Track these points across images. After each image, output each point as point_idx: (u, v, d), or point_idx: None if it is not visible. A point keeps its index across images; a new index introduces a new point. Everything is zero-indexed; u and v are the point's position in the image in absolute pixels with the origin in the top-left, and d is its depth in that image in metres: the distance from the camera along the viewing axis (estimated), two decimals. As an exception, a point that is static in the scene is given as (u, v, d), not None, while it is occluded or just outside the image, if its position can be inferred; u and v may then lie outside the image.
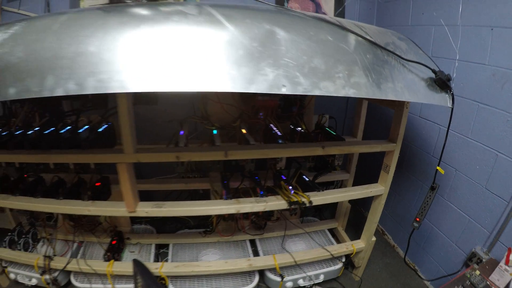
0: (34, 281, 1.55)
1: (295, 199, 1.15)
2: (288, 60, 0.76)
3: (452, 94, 1.03)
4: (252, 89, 0.70)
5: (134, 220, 1.75)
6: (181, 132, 1.29)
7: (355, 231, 1.84)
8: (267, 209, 1.16)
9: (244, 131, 1.29)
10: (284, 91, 0.74)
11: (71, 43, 0.70)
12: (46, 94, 0.68)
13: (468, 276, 1.21)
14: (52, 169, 1.43)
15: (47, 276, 1.49)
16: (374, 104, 1.62)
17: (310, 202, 1.16)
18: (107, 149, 1.15)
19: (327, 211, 1.92)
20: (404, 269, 1.68)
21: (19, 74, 0.68)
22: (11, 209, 1.76)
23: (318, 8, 1.73)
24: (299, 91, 0.75)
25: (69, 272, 1.57)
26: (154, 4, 0.86)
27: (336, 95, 0.80)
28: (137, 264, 1.08)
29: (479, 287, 1.16)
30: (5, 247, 1.58)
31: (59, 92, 0.68)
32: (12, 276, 1.58)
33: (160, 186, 1.46)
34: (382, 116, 1.89)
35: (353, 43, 0.91)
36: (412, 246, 1.59)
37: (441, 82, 1.02)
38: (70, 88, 0.67)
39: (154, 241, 1.61)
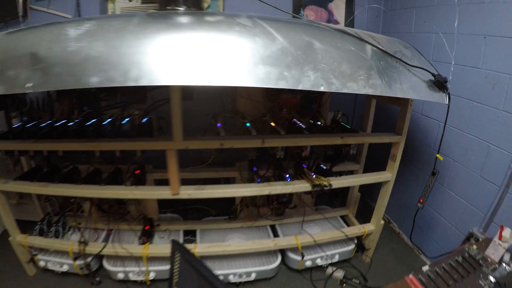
0: (65, 268, 1.75)
1: (317, 183, 1.44)
2: (323, 65, 1.05)
3: (449, 94, 1.34)
4: (300, 87, 0.98)
5: (160, 209, 2.00)
6: (218, 125, 1.56)
7: (363, 220, 2.13)
8: (294, 190, 1.44)
9: (273, 124, 1.57)
10: (322, 88, 1.02)
11: (148, 42, 0.94)
12: (131, 84, 0.87)
13: (467, 249, 1.48)
14: (85, 160, 1.68)
15: (79, 262, 1.71)
16: (381, 103, 1.94)
17: (330, 185, 1.45)
18: (158, 137, 1.40)
19: (338, 201, 2.23)
20: (408, 252, 1.99)
21: (101, 66, 0.88)
22: (39, 200, 1.98)
23: (330, 15, 2.05)
24: (333, 89, 1.04)
25: (101, 258, 1.80)
26: (212, 14, 1.13)
27: (358, 93, 1.10)
28: (175, 243, 1.36)
29: (477, 258, 1.46)
30: (35, 235, 1.80)
31: (144, 83, 0.90)
32: (42, 263, 1.78)
33: (193, 175, 1.71)
34: (388, 114, 2.21)
35: (370, 52, 1.20)
36: (416, 231, 1.89)
37: (439, 84, 1.33)
38: (153, 79, 0.91)
39: (182, 227, 1.86)
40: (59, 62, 0.90)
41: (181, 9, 1.26)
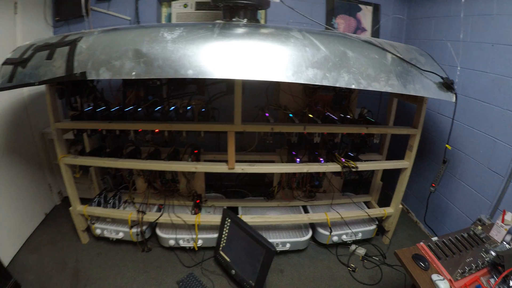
0: (121, 235, 2.46)
1: (346, 165, 2.12)
2: (354, 69, 1.74)
3: (455, 93, 2.01)
4: (337, 84, 1.67)
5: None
6: (267, 114, 2.26)
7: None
8: (328, 170, 2.13)
9: (310, 115, 2.28)
10: (353, 86, 1.71)
11: (227, 46, 1.62)
12: (217, 76, 1.56)
13: (472, 229, 2.08)
14: (144, 141, 2.40)
15: (134, 229, 2.41)
16: (401, 101, 2.62)
17: (357, 167, 2.14)
18: (221, 121, 2.10)
19: (362, 190, 2.91)
20: (423, 238, 2.62)
21: (195, 62, 1.56)
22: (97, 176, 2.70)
23: (358, 23, 2.78)
24: (361, 87, 1.73)
25: (153, 228, 2.50)
26: (269, 27, 1.84)
27: (379, 90, 1.79)
28: (227, 211, 2.09)
29: (481, 236, 2.03)
30: (95, 206, 2.50)
31: (226, 76, 1.58)
32: (98, 231, 2.49)
33: (242, 157, 2.40)
34: (407, 111, 2.90)
35: (389, 59, 1.89)
36: (431, 218, 2.56)
37: (447, 85, 2.00)
38: (232, 74, 1.59)
39: (226, 204, 2.58)
40: (160, 57, 1.55)
41: (243, 21, 1.98)
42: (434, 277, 1.45)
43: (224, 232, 2.22)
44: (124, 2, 2.69)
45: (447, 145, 2.19)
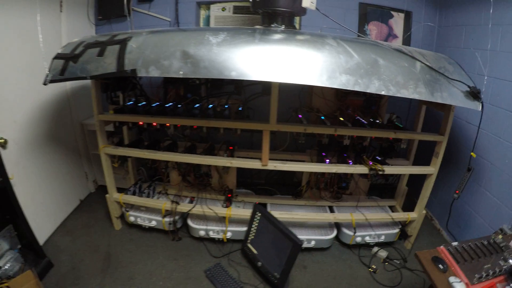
0: (153, 223, 2.78)
1: (374, 168, 2.36)
2: (385, 76, 1.98)
3: (482, 102, 2.21)
4: (368, 90, 1.92)
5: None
6: (300, 116, 2.54)
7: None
8: (356, 172, 2.38)
9: (341, 118, 2.54)
10: (383, 92, 1.95)
11: (268, 51, 1.89)
12: (258, 78, 1.84)
13: (493, 237, 2.28)
14: (181, 137, 2.72)
15: (167, 219, 2.71)
16: (431, 109, 2.83)
17: (383, 170, 2.37)
18: (257, 120, 2.38)
19: (387, 195, 3.13)
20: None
21: (237, 65, 1.83)
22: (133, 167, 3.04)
23: (390, 30, 3.02)
24: (390, 93, 1.96)
25: (184, 218, 2.80)
26: (305, 33, 2.10)
27: (408, 97, 2.02)
28: (258, 206, 2.36)
29: (501, 245, 2.22)
30: (130, 195, 2.82)
31: (266, 78, 1.86)
32: (131, 219, 2.82)
33: (274, 156, 2.64)
34: (435, 119, 3.09)
35: (418, 67, 2.12)
36: (454, 227, 2.75)
37: (474, 94, 2.21)
38: (272, 77, 1.87)
39: (255, 200, 2.88)
40: (206, 59, 1.82)
41: (281, 27, 2.26)
42: (451, 279, 1.61)
43: (253, 226, 2.49)
44: (164, 3, 3.04)
45: (472, 153, 2.40)
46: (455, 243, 1.90)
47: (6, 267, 2.12)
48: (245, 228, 2.65)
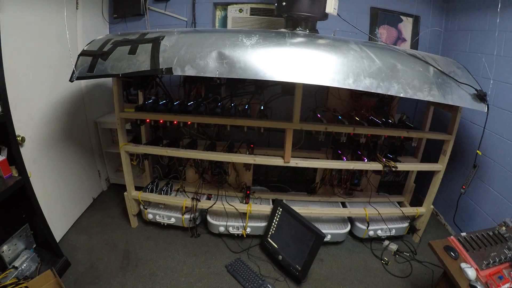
0: (172, 220, 2.98)
1: (387, 164, 2.65)
2: (403, 80, 2.27)
3: (487, 104, 2.52)
4: (389, 93, 2.19)
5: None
6: (318, 115, 2.80)
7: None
8: (371, 169, 2.67)
9: (357, 118, 2.81)
10: (402, 95, 2.23)
11: (298, 53, 2.14)
12: (292, 80, 2.07)
13: (497, 229, 2.58)
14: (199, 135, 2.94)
15: (187, 216, 2.92)
16: (437, 110, 3.14)
17: (396, 167, 2.67)
18: (281, 118, 2.62)
19: (395, 191, 3.46)
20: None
21: (270, 66, 2.05)
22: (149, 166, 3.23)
23: (399, 34, 3.33)
24: (408, 96, 2.25)
25: (203, 215, 3.02)
26: (331, 39, 2.36)
27: (423, 99, 2.31)
28: (278, 201, 2.61)
29: (505, 235, 2.49)
30: (148, 192, 3.01)
31: (293, 80, 2.11)
32: (150, 216, 3.01)
33: (292, 153, 2.92)
34: (441, 119, 3.42)
35: (432, 72, 2.42)
36: (459, 221, 3.08)
37: (480, 97, 2.52)
38: (300, 79, 2.13)
39: (271, 196, 3.15)
40: (242, 60, 2.02)
41: (306, 31, 2.51)
42: (463, 265, 1.89)
43: (274, 221, 2.74)
44: (181, 3, 3.24)
45: (478, 151, 2.72)
46: (463, 234, 2.20)
47: (23, 267, 2.24)
48: (263, 224, 2.91)
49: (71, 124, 3.04)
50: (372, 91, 2.14)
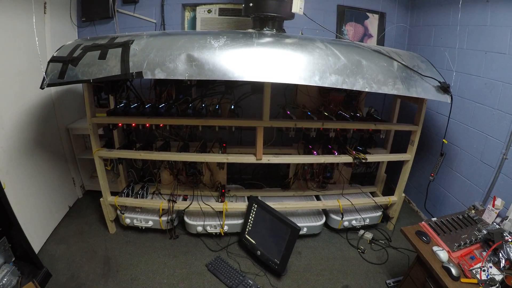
0: (150, 223, 2.99)
1: (357, 157, 2.74)
2: (368, 75, 2.35)
3: (451, 95, 2.65)
4: (354, 88, 2.26)
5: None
6: (288, 112, 2.86)
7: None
8: (341, 161, 2.75)
9: (326, 113, 2.89)
10: (367, 89, 2.32)
11: (265, 53, 2.22)
12: (256, 79, 2.14)
13: (467, 212, 2.66)
14: (172, 136, 2.96)
15: (164, 218, 2.93)
16: (404, 102, 3.27)
17: (366, 159, 2.76)
18: (251, 117, 2.67)
19: (367, 182, 3.56)
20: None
21: (238, 66, 2.05)
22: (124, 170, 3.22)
23: (366, 30, 3.43)
24: (373, 90, 2.33)
25: (180, 216, 3.04)
26: (298, 38, 2.43)
27: (387, 93, 2.41)
28: (253, 198, 2.67)
29: (474, 218, 2.34)
30: (124, 197, 3.01)
31: (263, 79, 2.19)
32: (127, 221, 3.01)
33: (263, 151, 2.97)
34: (408, 110, 3.55)
35: (396, 66, 2.51)
36: (430, 206, 3.22)
37: (444, 88, 2.64)
38: (266, 77, 2.19)
39: (246, 194, 3.18)
40: (210, 62, 2.04)
41: (273, 31, 2.57)
42: (435, 248, 1.99)
43: (250, 217, 2.79)
44: (150, 5, 3.24)
45: (444, 140, 2.85)
46: (434, 219, 2.32)
47: (4, 282, 2.16)
48: (240, 221, 2.95)
49: (43, 132, 2.99)
50: (338, 87, 2.21)
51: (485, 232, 2.03)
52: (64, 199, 3.34)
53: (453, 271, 1.77)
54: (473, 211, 2.48)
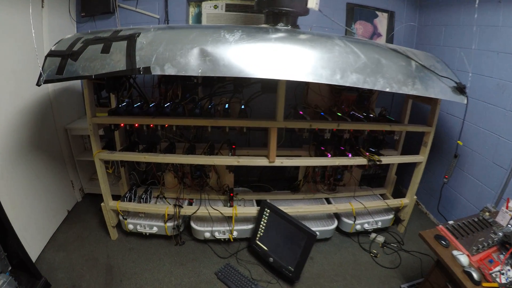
0: (155, 229, 2.76)
1: (371, 159, 2.57)
2: (387, 75, 2.17)
3: (467, 96, 2.50)
4: (375, 88, 2.09)
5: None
6: (300, 112, 2.66)
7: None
8: (356, 164, 2.57)
9: (339, 114, 2.71)
10: (387, 90, 2.14)
11: (283, 49, 1.99)
12: (276, 77, 1.93)
13: (481, 215, 2.54)
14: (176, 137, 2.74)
15: (169, 223, 2.71)
16: (415, 103, 3.11)
17: (380, 161, 2.59)
18: (265, 117, 2.46)
19: (375, 183, 3.41)
20: (433, 227, 3.12)
21: (256, 63, 1.84)
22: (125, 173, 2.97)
23: (375, 29, 3.26)
24: (394, 90, 2.16)
25: (187, 220, 2.81)
26: (315, 34, 2.23)
27: (408, 93, 2.23)
28: (265, 202, 2.46)
29: (489, 221, 2.18)
30: (126, 202, 2.77)
31: (277, 77, 1.96)
32: (130, 227, 2.78)
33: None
34: (418, 111, 3.40)
35: (414, 66, 2.35)
36: (441, 209, 3.06)
37: (460, 89, 2.49)
38: (284, 75, 1.98)
39: (254, 197, 2.98)
40: (225, 57, 1.78)
41: (288, 27, 2.36)
42: (455, 252, 1.87)
43: (262, 222, 2.59)
44: (153, 0, 2.99)
45: (458, 141, 2.71)
46: (451, 222, 2.19)
47: None
48: (250, 226, 2.75)
49: (39, 133, 2.74)
50: (359, 87, 2.04)
51: (501, 234, 1.93)
52: (62, 203, 3.09)
53: (475, 275, 1.68)
54: (487, 214, 2.34)
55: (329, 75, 1.95)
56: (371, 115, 2.86)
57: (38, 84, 1.90)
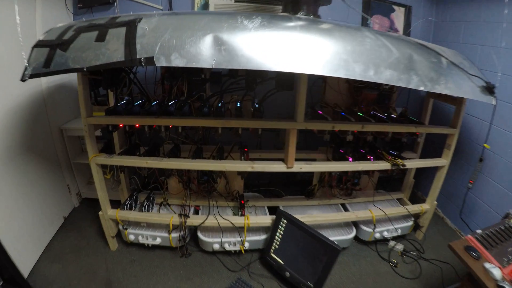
0: (158, 240, 2.44)
1: (395, 163, 2.30)
2: (420, 72, 1.90)
3: (495, 97, 2.25)
4: (410, 86, 1.82)
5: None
6: (320, 112, 2.36)
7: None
8: (379, 168, 2.30)
9: (360, 114, 2.42)
10: (421, 88, 1.87)
11: (303, 40, 1.67)
12: (303, 71, 1.62)
13: (507, 222, 2.34)
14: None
15: (174, 234, 2.39)
16: (436, 102, 2.84)
17: (404, 165, 2.32)
18: (284, 118, 2.17)
19: (390, 187, 3.16)
20: (452, 233, 2.93)
21: (281, 54, 1.52)
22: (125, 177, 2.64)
23: (392, 24, 3.00)
24: (427, 89, 1.89)
25: (193, 231, 2.50)
26: (346, 26, 1.93)
27: (441, 92, 1.96)
28: (281, 212, 2.16)
29: None
30: (126, 210, 2.44)
31: (295, 70, 1.65)
32: (131, 237, 2.46)
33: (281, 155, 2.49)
34: (438, 112, 3.14)
35: (444, 63, 2.08)
36: (463, 218, 2.82)
37: (489, 89, 2.24)
38: (306, 69, 1.67)
39: (266, 203, 2.69)
40: (244, 46, 1.47)
41: (310, 16, 2.07)
42: (487, 265, 1.67)
43: (277, 233, 2.29)
44: (155, -11, 2.66)
45: (485, 145, 2.45)
46: (479, 231, 1.97)
47: None
48: (262, 236, 2.47)
49: (32, 134, 2.41)
50: (393, 84, 1.76)
51: (527, 242, 1.76)
52: (58, 209, 2.75)
53: (509, 290, 1.51)
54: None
55: (362, 71, 1.67)
56: (393, 115, 2.58)
57: (23, 80, 1.58)
